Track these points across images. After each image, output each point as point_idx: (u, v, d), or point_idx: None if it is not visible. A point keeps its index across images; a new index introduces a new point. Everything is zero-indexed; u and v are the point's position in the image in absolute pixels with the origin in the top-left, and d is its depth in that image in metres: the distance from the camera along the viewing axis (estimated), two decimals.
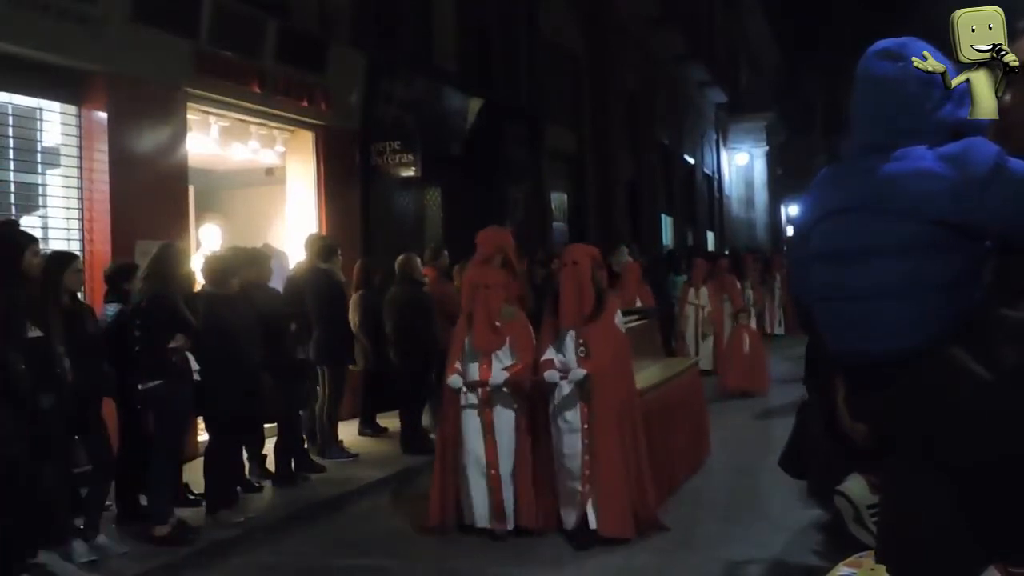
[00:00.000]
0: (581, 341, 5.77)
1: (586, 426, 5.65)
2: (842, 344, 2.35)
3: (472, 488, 5.82)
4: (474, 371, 5.90)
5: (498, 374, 5.81)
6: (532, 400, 5.95)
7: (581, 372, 5.65)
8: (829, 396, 2.54)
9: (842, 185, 2.36)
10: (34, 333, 4.93)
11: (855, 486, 4.44)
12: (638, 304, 10.63)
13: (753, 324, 15.22)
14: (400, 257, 8.69)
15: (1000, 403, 2.08)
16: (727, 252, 22.53)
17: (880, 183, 2.22)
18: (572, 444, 5.67)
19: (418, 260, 8.82)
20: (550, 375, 5.71)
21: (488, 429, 5.81)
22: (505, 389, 5.83)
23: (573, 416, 5.70)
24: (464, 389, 5.87)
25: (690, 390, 7.79)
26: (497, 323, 5.88)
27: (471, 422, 5.86)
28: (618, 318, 6.00)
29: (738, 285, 15.06)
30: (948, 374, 2.13)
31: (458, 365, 5.96)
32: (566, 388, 5.72)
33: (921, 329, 2.16)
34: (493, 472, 5.76)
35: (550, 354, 5.84)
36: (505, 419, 5.86)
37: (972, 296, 2.17)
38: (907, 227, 2.15)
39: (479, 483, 5.79)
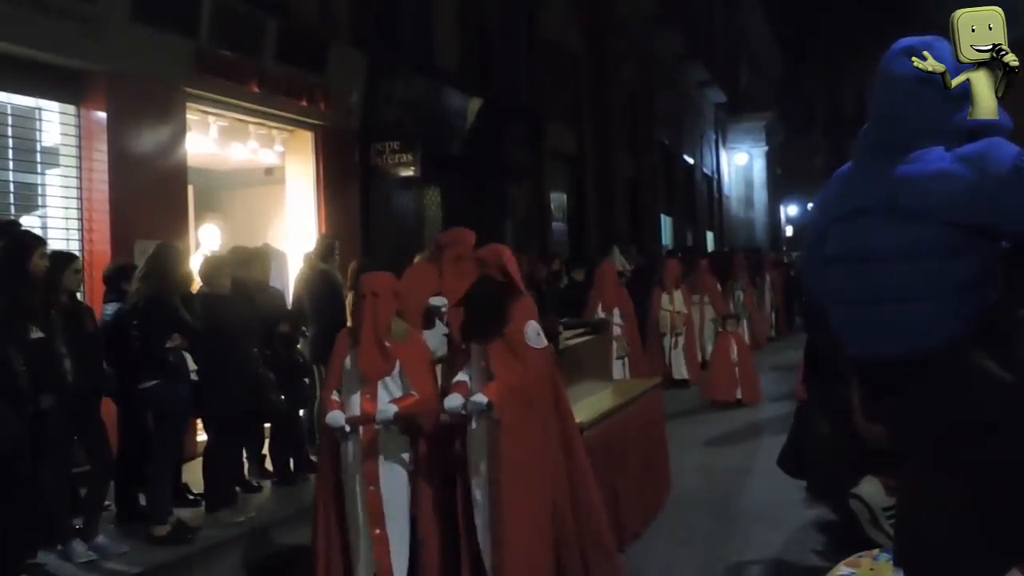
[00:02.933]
0: (483, 364, 4.50)
1: (492, 473, 4.37)
2: (859, 345, 2.33)
3: (357, 549, 4.57)
4: (355, 403, 4.57)
5: (385, 407, 4.51)
6: (440, 440, 4.66)
7: (482, 399, 4.32)
8: (842, 397, 2.53)
9: (859, 186, 2.33)
10: (36, 334, 4.94)
11: (870, 488, 4.44)
12: (615, 311, 10.03)
13: (744, 330, 14.16)
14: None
15: (1021, 404, 2.08)
16: (727, 250, 22.50)
17: (897, 185, 2.20)
18: (480, 496, 4.44)
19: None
20: (451, 400, 4.44)
21: (370, 479, 4.52)
22: (394, 427, 4.53)
23: (480, 460, 4.43)
24: (347, 428, 4.55)
25: (649, 418, 6.42)
26: (387, 342, 4.60)
27: (351, 468, 4.58)
28: (531, 331, 4.52)
29: (719, 287, 13.77)
30: (968, 376, 2.12)
31: (336, 396, 4.66)
32: (474, 423, 4.46)
33: (938, 331, 2.15)
34: (378, 531, 4.49)
35: (463, 376, 4.57)
36: (395, 465, 4.57)
37: (989, 298, 2.16)
38: (924, 229, 2.14)
39: (362, 544, 4.55)
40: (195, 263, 7.35)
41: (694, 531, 5.86)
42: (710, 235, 29.61)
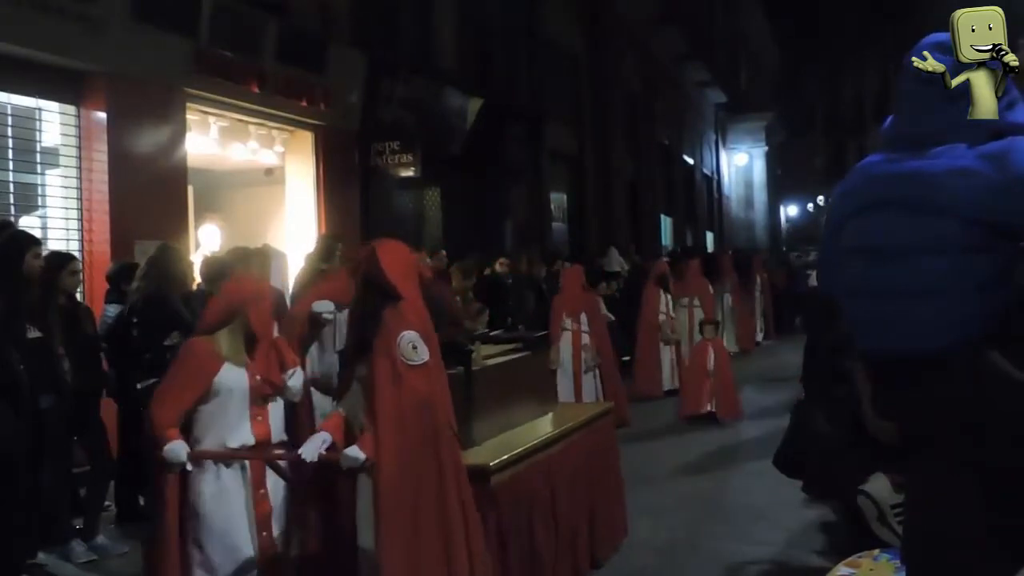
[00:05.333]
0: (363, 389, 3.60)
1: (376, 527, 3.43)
2: (873, 341, 2.32)
3: None
4: (240, 430, 3.67)
5: (277, 429, 3.77)
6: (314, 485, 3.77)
7: (359, 456, 3.36)
8: (842, 396, 2.52)
9: (878, 180, 2.32)
10: (34, 335, 4.94)
11: (878, 486, 4.43)
12: (582, 317, 9.07)
13: (731, 337, 13.74)
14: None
15: None
16: (730, 251, 22.45)
17: (918, 180, 2.19)
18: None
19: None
20: (305, 448, 3.48)
21: (263, 523, 3.67)
22: (304, 456, 3.48)
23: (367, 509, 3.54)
24: (189, 465, 3.54)
25: (595, 452, 5.17)
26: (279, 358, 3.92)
27: (233, 511, 3.63)
28: (404, 344, 3.45)
29: (710, 290, 12.84)
30: (984, 376, 2.11)
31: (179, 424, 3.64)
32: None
33: (955, 329, 2.14)
34: None
35: (342, 407, 3.79)
36: (277, 505, 3.75)
37: (1006, 297, 2.15)
38: (944, 226, 2.13)
39: None
40: (195, 263, 7.36)
41: (694, 531, 5.85)
42: (710, 235, 29.60)
